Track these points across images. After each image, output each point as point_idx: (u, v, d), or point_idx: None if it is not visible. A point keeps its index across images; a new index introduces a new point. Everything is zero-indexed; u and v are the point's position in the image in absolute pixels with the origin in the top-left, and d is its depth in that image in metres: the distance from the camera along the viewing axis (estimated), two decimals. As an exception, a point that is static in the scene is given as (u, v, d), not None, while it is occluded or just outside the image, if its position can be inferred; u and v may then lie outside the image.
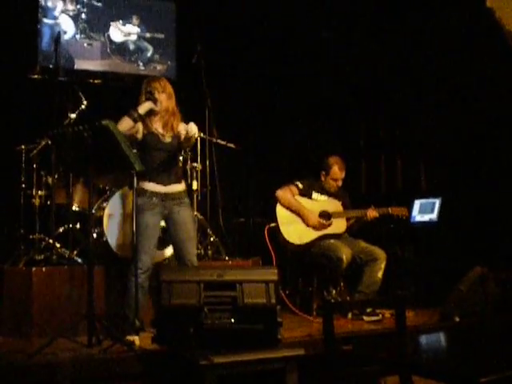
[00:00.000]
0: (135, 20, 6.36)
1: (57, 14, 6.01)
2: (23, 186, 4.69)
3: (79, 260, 4.36)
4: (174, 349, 3.06)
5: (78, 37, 6.09)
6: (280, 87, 6.58)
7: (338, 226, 4.74)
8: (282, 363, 2.92)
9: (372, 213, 4.70)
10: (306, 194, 4.81)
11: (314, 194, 4.83)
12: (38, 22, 5.90)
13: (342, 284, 4.71)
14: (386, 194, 6.26)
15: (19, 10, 5.69)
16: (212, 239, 4.97)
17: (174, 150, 3.78)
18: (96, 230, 4.32)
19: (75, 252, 4.45)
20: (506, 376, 2.02)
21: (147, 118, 3.73)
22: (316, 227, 4.67)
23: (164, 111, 3.76)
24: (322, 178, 4.87)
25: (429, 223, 5.18)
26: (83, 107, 4.61)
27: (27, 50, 5.72)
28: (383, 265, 4.56)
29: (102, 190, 4.65)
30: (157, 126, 3.76)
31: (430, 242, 5.23)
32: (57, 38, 4.44)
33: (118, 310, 3.80)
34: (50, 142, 4.50)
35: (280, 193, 4.75)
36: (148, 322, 3.62)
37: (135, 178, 3.65)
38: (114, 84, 5.99)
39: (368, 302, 4.31)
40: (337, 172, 4.82)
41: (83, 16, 6.12)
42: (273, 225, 4.70)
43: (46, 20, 5.96)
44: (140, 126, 3.71)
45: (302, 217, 4.68)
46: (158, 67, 6.44)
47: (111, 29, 6.24)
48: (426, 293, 4.97)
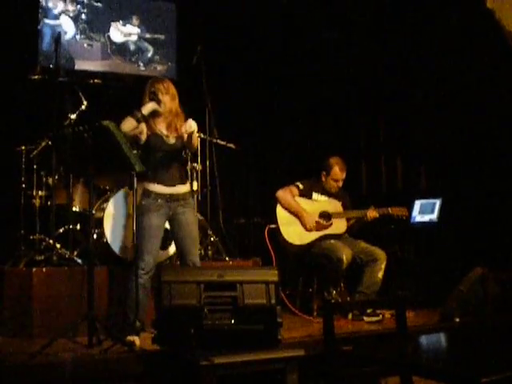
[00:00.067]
0: (135, 20, 6.37)
1: (57, 15, 6.02)
2: (23, 186, 4.70)
3: (79, 261, 4.35)
4: (174, 349, 3.05)
5: (78, 37, 6.10)
6: (280, 87, 6.58)
7: (338, 226, 4.74)
8: (282, 364, 2.92)
9: (372, 213, 4.70)
10: (306, 194, 4.81)
11: (315, 195, 4.83)
12: (39, 23, 5.91)
13: (342, 284, 4.71)
14: (386, 194, 6.26)
15: (19, 10, 5.70)
16: (212, 239, 4.98)
17: (178, 151, 3.79)
18: (96, 231, 4.32)
19: (75, 253, 4.45)
20: (507, 376, 2.01)
21: (151, 120, 3.73)
22: (314, 230, 4.67)
23: (168, 112, 3.76)
24: (323, 178, 4.87)
25: (429, 223, 5.18)
26: (83, 108, 4.61)
27: (27, 51, 5.73)
28: (383, 265, 4.56)
29: (102, 191, 4.65)
30: (161, 128, 3.76)
31: (430, 243, 5.23)
32: (57, 38, 4.43)
33: (119, 311, 3.81)
34: (50, 142, 4.51)
35: (280, 193, 4.75)
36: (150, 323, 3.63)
37: (135, 179, 3.66)
38: (115, 84, 5.97)
39: (368, 302, 4.31)
40: (337, 173, 4.82)
41: (83, 16, 6.13)
42: (273, 226, 4.71)
43: (46, 20, 5.97)
44: (144, 127, 3.71)
45: (300, 219, 4.69)
46: (159, 68, 6.45)
47: (111, 29, 6.25)
48: (426, 293, 4.97)
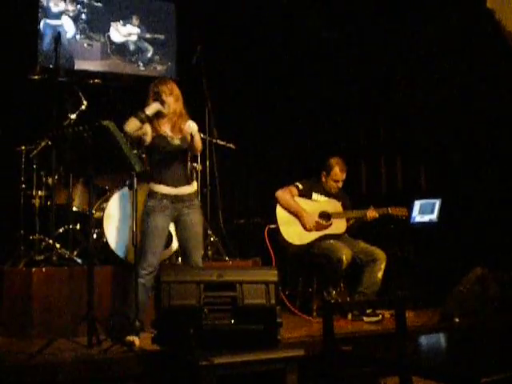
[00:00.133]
0: (135, 20, 6.37)
1: (57, 15, 6.01)
2: (23, 186, 4.69)
3: (79, 261, 4.35)
4: (174, 349, 3.05)
5: (78, 37, 6.10)
6: (280, 87, 6.58)
7: (338, 226, 4.74)
8: (281, 364, 2.92)
9: (372, 213, 4.70)
10: (305, 194, 4.80)
11: (314, 195, 4.83)
12: (39, 22, 5.91)
13: (341, 284, 4.71)
14: (385, 194, 6.26)
15: (19, 10, 5.70)
16: (212, 240, 4.97)
17: (183, 152, 3.79)
18: (96, 231, 4.31)
19: (75, 252, 4.45)
20: (507, 376, 2.01)
21: (155, 121, 3.73)
22: (313, 230, 4.67)
23: (172, 113, 3.76)
24: (323, 178, 4.87)
25: (429, 224, 5.18)
26: (83, 108, 4.61)
27: (27, 50, 5.72)
28: (383, 265, 4.56)
29: (102, 191, 4.65)
30: (165, 129, 3.76)
31: (430, 243, 5.22)
32: (57, 38, 4.43)
33: (119, 311, 3.81)
34: (50, 142, 4.50)
35: (280, 194, 4.75)
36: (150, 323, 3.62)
37: (135, 179, 3.65)
38: (114, 84, 5.97)
39: (368, 302, 4.31)
40: (338, 173, 4.81)
41: (83, 16, 6.12)
42: (273, 226, 4.70)
43: (46, 20, 5.97)
44: (148, 129, 3.71)
45: (300, 219, 4.69)
46: (158, 68, 6.44)
47: (111, 29, 6.25)
48: (426, 293, 4.96)
